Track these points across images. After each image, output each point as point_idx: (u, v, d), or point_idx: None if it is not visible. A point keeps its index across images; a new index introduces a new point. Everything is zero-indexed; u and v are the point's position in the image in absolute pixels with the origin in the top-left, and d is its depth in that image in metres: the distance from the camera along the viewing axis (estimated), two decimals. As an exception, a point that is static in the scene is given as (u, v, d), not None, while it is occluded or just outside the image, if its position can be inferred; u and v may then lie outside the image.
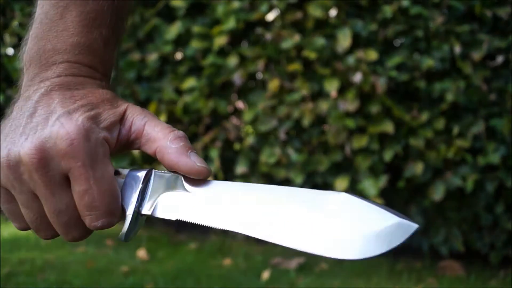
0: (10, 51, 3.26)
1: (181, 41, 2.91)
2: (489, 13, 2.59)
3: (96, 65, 0.51)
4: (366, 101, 2.61)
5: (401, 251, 2.75)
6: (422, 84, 2.60)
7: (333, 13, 2.69)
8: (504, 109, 2.58)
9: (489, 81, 2.63)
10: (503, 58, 2.60)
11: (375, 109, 2.58)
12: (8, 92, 3.32)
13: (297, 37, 2.64)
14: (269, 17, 2.78)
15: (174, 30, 2.87)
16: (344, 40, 2.60)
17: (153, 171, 0.50)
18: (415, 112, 2.61)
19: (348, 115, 2.61)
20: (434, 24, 2.59)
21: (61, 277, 2.54)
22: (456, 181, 2.60)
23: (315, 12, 2.64)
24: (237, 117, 2.98)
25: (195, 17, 2.89)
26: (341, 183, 2.64)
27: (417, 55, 2.66)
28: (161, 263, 2.79)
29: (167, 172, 0.50)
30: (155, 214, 0.49)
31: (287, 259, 2.77)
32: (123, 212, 0.49)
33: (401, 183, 2.64)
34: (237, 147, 2.94)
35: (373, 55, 2.57)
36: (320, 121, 2.70)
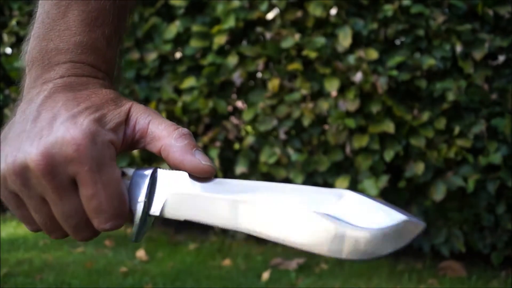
0: (8, 50, 3.25)
1: (180, 40, 2.90)
2: (490, 12, 2.58)
3: (99, 64, 0.51)
4: (366, 101, 2.60)
5: (402, 252, 2.73)
6: (423, 84, 2.59)
7: (333, 12, 2.68)
8: (505, 109, 2.57)
9: (490, 80, 2.62)
10: (504, 57, 2.59)
11: (375, 108, 2.57)
12: (6, 92, 3.31)
13: (297, 36, 2.63)
14: (269, 16, 2.77)
15: (174, 29, 2.86)
16: (344, 39, 2.59)
17: (158, 170, 0.50)
18: (416, 112, 2.60)
19: (348, 114, 2.59)
20: (435, 23, 2.58)
21: (59, 277, 2.53)
22: (457, 181, 2.59)
23: (315, 11, 2.63)
24: (237, 116, 2.97)
25: (194, 16, 2.88)
26: (341, 183, 2.63)
27: (418, 54, 2.65)
28: (160, 263, 2.77)
29: (172, 170, 0.49)
30: (163, 215, 0.49)
31: (287, 260, 2.75)
32: (131, 213, 0.49)
33: (401, 183, 2.63)
34: (236, 147, 2.93)
35: (373, 54, 2.56)
36: (320, 120, 2.69)
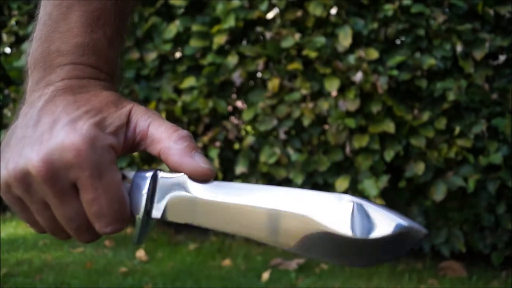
0: (7, 50, 3.24)
1: (180, 40, 2.90)
2: (491, 12, 2.57)
3: (101, 65, 0.50)
4: (366, 101, 2.60)
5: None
6: (424, 83, 2.58)
7: (333, 11, 2.67)
8: (506, 109, 2.57)
9: (491, 80, 2.61)
10: (505, 57, 2.59)
11: (375, 108, 2.57)
12: (6, 92, 3.30)
13: (297, 36, 2.62)
14: (269, 16, 2.76)
15: (173, 29, 2.85)
16: (344, 39, 2.58)
17: (159, 172, 0.49)
18: (416, 112, 2.60)
19: (348, 114, 2.59)
20: (436, 23, 2.57)
21: (59, 278, 2.53)
22: (457, 181, 2.59)
23: (315, 10, 2.63)
24: (237, 116, 2.97)
25: (194, 15, 2.88)
26: (341, 183, 2.62)
27: (418, 54, 2.64)
28: (160, 263, 2.77)
29: (173, 173, 0.49)
30: (164, 218, 0.49)
31: (287, 260, 2.75)
32: (132, 216, 0.49)
33: (402, 183, 2.63)
34: (236, 147, 2.93)
35: (374, 54, 2.56)
36: (320, 120, 2.69)
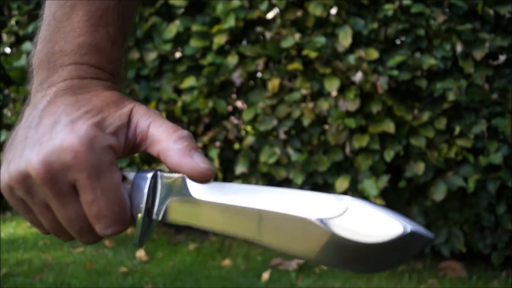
0: (7, 50, 3.24)
1: (180, 40, 2.89)
2: (491, 12, 2.57)
3: (104, 65, 0.50)
4: (366, 101, 2.60)
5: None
6: (424, 83, 2.58)
7: (333, 11, 2.67)
8: (506, 109, 2.57)
9: (491, 80, 2.61)
10: (505, 57, 2.58)
11: (375, 108, 2.56)
12: (6, 92, 3.30)
13: (297, 36, 2.62)
14: (269, 16, 2.76)
15: (173, 29, 2.85)
16: (344, 39, 2.58)
17: (159, 173, 0.48)
18: (416, 112, 2.60)
19: (348, 114, 2.59)
20: (436, 23, 2.57)
21: (59, 278, 2.53)
22: (457, 181, 2.59)
23: (315, 10, 2.63)
24: (237, 116, 2.97)
25: (194, 15, 2.88)
26: (341, 183, 2.62)
27: (418, 54, 2.64)
28: (160, 263, 2.77)
29: (173, 174, 0.48)
30: (165, 220, 0.48)
31: (287, 260, 2.75)
32: (133, 217, 0.48)
33: (402, 183, 2.63)
34: (236, 146, 2.93)
35: (374, 54, 2.56)
36: (320, 120, 2.69)
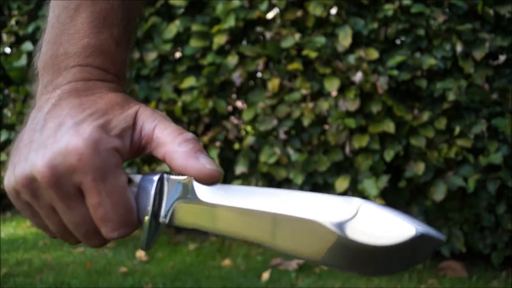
0: (7, 50, 3.24)
1: (180, 40, 2.89)
2: (491, 12, 2.57)
3: (108, 66, 0.50)
4: (366, 101, 2.60)
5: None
6: (423, 83, 2.58)
7: (333, 11, 2.67)
8: (506, 109, 2.57)
9: (491, 80, 2.61)
10: (505, 57, 2.58)
11: (375, 108, 2.56)
12: (6, 92, 3.30)
13: (297, 36, 2.62)
14: (269, 16, 2.76)
15: (173, 29, 2.85)
16: (344, 39, 2.58)
17: (165, 176, 0.48)
18: (416, 112, 2.60)
19: (348, 114, 2.59)
20: (436, 23, 2.57)
21: (59, 278, 2.53)
22: (457, 181, 2.58)
23: (315, 10, 2.63)
24: (237, 116, 2.97)
25: (194, 15, 2.87)
26: (341, 183, 2.62)
27: (418, 54, 2.64)
28: (160, 263, 2.77)
29: (180, 176, 0.48)
30: (172, 223, 0.48)
31: (287, 260, 2.75)
32: (140, 220, 0.48)
33: (402, 183, 2.63)
34: (236, 146, 2.92)
35: (374, 54, 2.56)
36: (320, 120, 2.69)
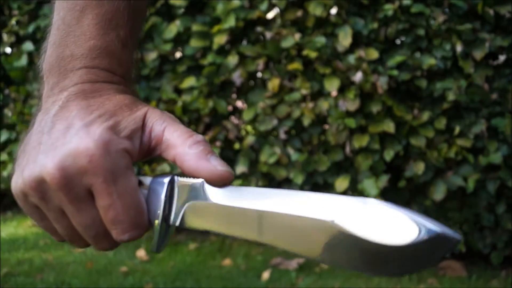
0: (8, 50, 3.24)
1: (180, 40, 2.90)
2: (491, 12, 2.57)
3: (114, 68, 0.50)
4: (366, 101, 2.60)
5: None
6: (423, 83, 2.58)
7: (333, 11, 2.67)
8: (506, 109, 2.57)
9: (491, 80, 2.61)
10: (505, 57, 2.58)
11: (375, 108, 2.57)
12: (6, 92, 3.30)
13: (297, 36, 2.62)
14: (269, 16, 2.76)
15: (174, 29, 2.85)
16: (344, 39, 2.58)
17: (176, 178, 0.48)
18: (416, 112, 2.60)
19: (348, 114, 2.59)
20: (436, 23, 2.57)
21: (60, 277, 2.53)
22: (457, 181, 2.59)
23: (315, 10, 2.63)
24: (237, 116, 2.97)
25: (194, 15, 2.88)
26: (341, 183, 2.63)
27: (418, 54, 2.64)
28: (160, 263, 2.78)
29: (190, 178, 0.48)
30: (182, 225, 0.47)
31: (287, 259, 2.75)
32: (150, 223, 0.48)
33: (401, 183, 2.63)
34: (237, 146, 2.93)
35: (374, 54, 2.56)
36: (320, 120, 2.69)
